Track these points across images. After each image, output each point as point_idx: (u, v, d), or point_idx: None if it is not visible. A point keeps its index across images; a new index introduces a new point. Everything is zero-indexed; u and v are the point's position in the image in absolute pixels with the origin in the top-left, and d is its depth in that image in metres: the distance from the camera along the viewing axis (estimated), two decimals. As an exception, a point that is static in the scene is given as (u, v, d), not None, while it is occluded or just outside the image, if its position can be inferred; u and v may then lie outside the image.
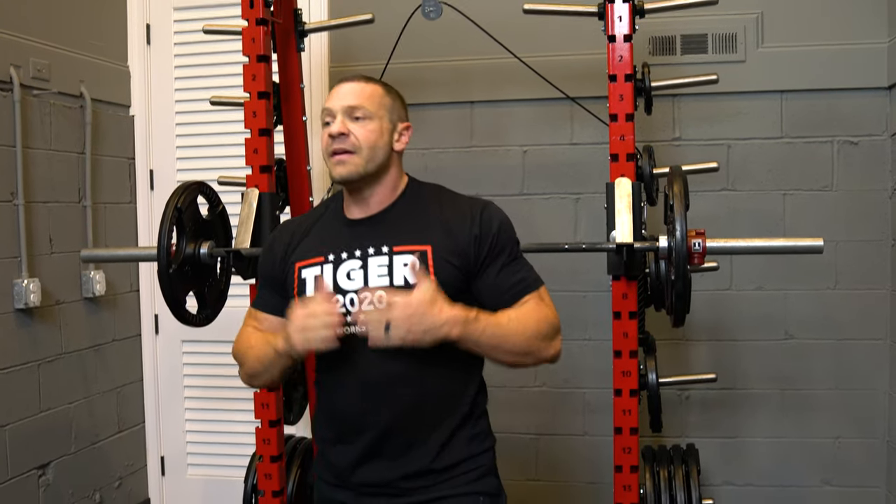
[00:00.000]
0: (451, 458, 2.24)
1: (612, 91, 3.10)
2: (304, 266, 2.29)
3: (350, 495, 2.29)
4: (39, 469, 4.00)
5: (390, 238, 2.23)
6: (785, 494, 4.45)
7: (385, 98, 2.30)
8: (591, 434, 4.51)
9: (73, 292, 4.24)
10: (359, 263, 2.22)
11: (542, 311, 2.22)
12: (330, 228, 2.35)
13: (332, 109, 2.25)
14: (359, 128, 2.22)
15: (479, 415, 2.33)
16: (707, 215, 4.23)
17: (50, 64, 4.03)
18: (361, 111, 2.23)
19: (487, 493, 2.29)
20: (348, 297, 2.20)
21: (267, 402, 3.35)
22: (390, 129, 2.29)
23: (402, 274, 2.18)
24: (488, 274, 2.23)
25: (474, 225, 2.23)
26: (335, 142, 2.22)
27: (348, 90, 2.26)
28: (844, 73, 4.26)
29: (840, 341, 4.37)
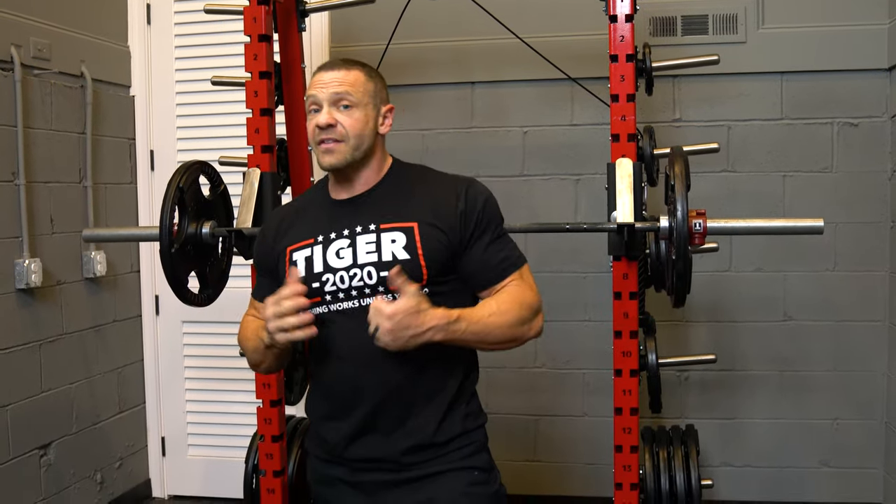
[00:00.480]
0: (447, 433, 2.26)
1: (613, 71, 3.10)
2: (294, 249, 2.33)
3: (345, 471, 2.31)
4: (41, 449, 4.01)
5: (376, 216, 2.27)
6: (783, 475, 4.48)
7: (368, 83, 2.32)
8: (590, 415, 4.52)
9: (74, 273, 4.25)
10: (347, 242, 2.26)
11: (523, 294, 2.26)
12: (318, 211, 2.38)
13: (318, 98, 2.27)
14: (345, 117, 2.26)
15: (472, 393, 2.37)
16: (707, 196, 4.24)
17: (51, 44, 4.02)
18: (347, 99, 2.26)
19: (481, 468, 2.32)
20: (338, 275, 2.23)
21: (268, 383, 3.36)
22: (375, 115, 2.33)
23: (391, 250, 2.21)
24: (475, 250, 2.26)
25: (459, 201, 2.27)
26: (323, 132, 2.25)
27: (332, 78, 2.28)
28: (845, 54, 4.26)
29: (839, 323, 4.38)
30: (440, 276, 2.24)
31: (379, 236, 2.24)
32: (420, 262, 2.20)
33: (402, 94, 4.55)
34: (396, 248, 2.21)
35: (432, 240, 2.22)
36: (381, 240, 2.23)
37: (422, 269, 2.20)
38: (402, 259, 2.19)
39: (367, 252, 2.23)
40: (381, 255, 2.21)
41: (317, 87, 2.28)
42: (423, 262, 2.20)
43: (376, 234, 2.24)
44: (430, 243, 2.22)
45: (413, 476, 2.26)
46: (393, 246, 2.22)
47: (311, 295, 2.23)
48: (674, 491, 3.36)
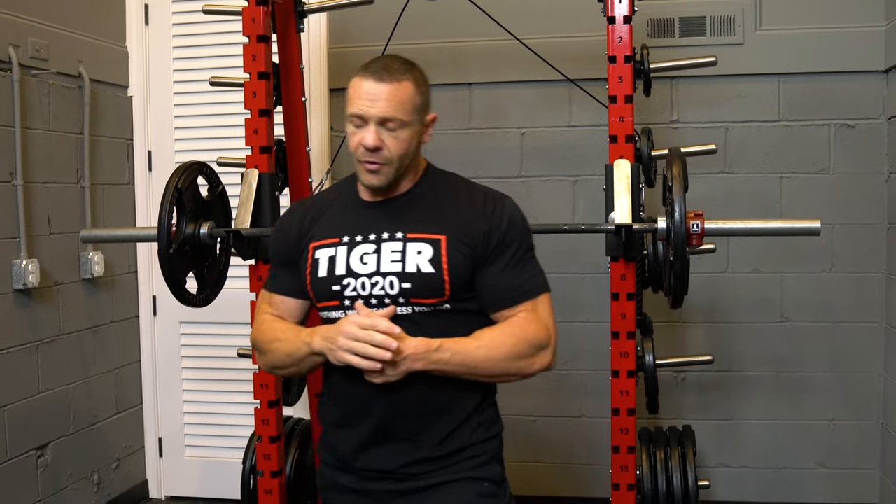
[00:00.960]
0: (455, 444, 2.23)
1: (611, 73, 3.10)
2: (318, 246, 2.28)
3: (353, 479, 2.28)
4: (38, 450, 4.01)
5: (405, 224, 2.23)
6: (779, 476, 4.48)
7: (416, 97, 2.21)
8: (588, 416, 4.53)
9: (72, 273, 4.25)
10: (373, 248, 2.22)
11: (526, 328, 2.20)
12: (345, 210, 2.33)
13: (366, 117, 2.16)
14: (391, 139, 2.17)
15: (488, 404, 2.33)
16: (704, 198, 4.24)
17: (49, 44, 4.02)
18: (395, 122, 2.16)
19: (491, 480, 2.28)
20: (360, 281, 2.19)
21: (266, 383, 3.36)
22: (420, 130, 2.25)
23: (416, 262, 2.17)
24: (490, 271, 2.21)
25: (485, 219, 2.22)
26: (369, 154, 2.17)
27: (381, 94, 2.15)
28: (842, 56, 4.27)
29: (835, 324, 4.39)
30: (463, 293, 2.20)
31: (405, 245, 2.20)
32: (444, 276, 2.16)
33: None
34: (421, 259, 2.17)
35: (458, 254, 2.18)
36: (406, 249, 2.19)
37: (445, 285, 2.16)
38: (426, 272, 2.16)
39: (392, 261, 2.18)
40: (406, 266, 2.17)
41: (365, 100, 2.16)
42: (448, 277, 2.16)
43: (403, 243, 2.20)
44: (455, 258, 2.18)
45: (419, 486, 2.23)
46: (418, 257, 2.17)
47: (329, 297, 2.23)
48: (671, 492, 3.37)
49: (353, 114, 2.18)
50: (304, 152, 3.70)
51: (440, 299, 2.17)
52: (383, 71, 2.18)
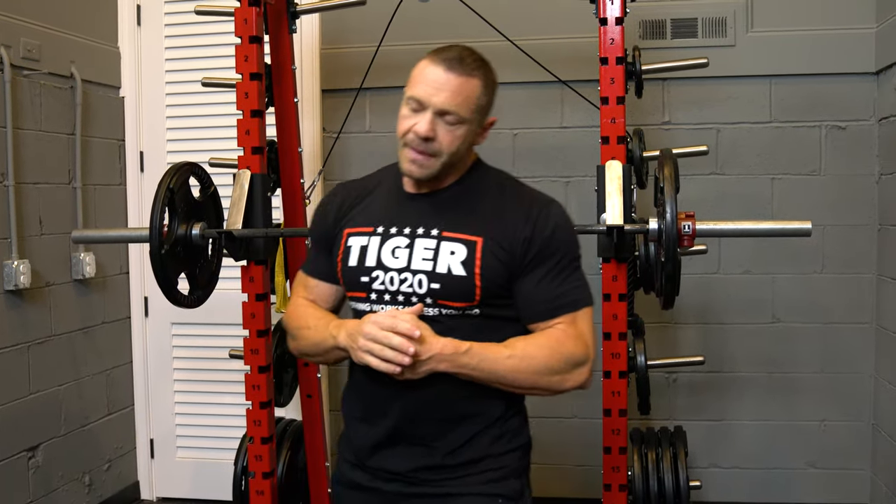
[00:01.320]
0: (471, 454, 2.15)
1: (603, 74, 3.11)
2: (352, 233, 2.23)
3: (366, 477, 2.23)
4: (29, 451, 4.00)
5: (442, 221, 2.15)
6: (771, 477, 4.49)
7: (482, 98, 2.13)
8: (580, 416, 4.54)
9: (63, 274, 4.24)
10: (405, 242, 2.15)
11: (563, 342, 2.09)
12: (385, 198, 2.27)
13: (424, 102, 2.08)
14: (446, 133, 2.09)
15: (511, 415, 2.22)
16: (696, 199, 4.26)
17: (40, 44, 4.02)
18: (454, 117, 2.08)
19: (506, 496, 2.18)
20: (389, 275, 2.13)
21: (258, 384, 3.35)
22: (476, 131, 2.17)
23: (447, 262, 2.09)
24: (528, 280, 2.12)
25: (528, 224, 2.12)
26: (418, 142, 2.08)
27: (447, 84, 2.07)
28: (833, 58, 4.29)
29: (826, 325, 4.41)
30: (494, 299, 2.11)
31: (439, 244, 2.12)
32: (475, 281, 2.08)
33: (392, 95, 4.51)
34: (454, 261, 2.09)
35: (493, 259, 2.09)
36: (440, 248, 2.11)
37: (475, 290, 2.08)
38: (457, 274, 2.08)
39: (424, 258, 2.11)
40: (437, 266, 2.09)
41: (427, 84, 2.08)
42: (479, 281, 2.08)
43: (437, 241, 2.12)
44: (490, 262, 2.09)
45: (429, 492, 2.16)
46: (451, 258, 2.09)
47: (357, 288, 2.19)
48: (662, 492, 3.38)
49: (413, 97, 2.10)
50: (296, 153, 3.69)
51: (469, 304, 2.10)
52: (455, 61, 2.10)
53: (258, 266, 3.31)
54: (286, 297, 3.72)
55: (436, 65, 2.09)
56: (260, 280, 3.32)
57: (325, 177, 4.43)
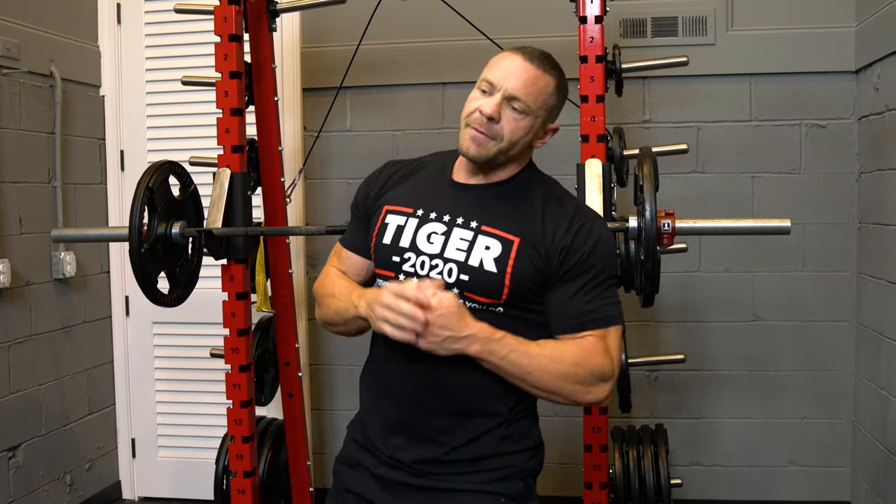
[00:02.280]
0: (474, 452, 2.14)
1: (582, 72, 3.11)
2: (391, 211, 2.24)
3: (373, 461, 2.22)
4: (9, 451, 3.98)
5: (483, 215, 2.15)
6: (751, 474, 4.51)
7: (551, 98, 2.16)
8: (560, 414, 4.53)
9: (44, 273, 4.22)
10: (443, 228, 2.15)
11: (593, 354, 2.06)
12: (430, 181, 2.28)
13: (496, 85, 2.11)
14: (510, 119, 2.10)
15: (521, 416, 2.21)
16: (677, 197, 4.28)
17: (20, 43, 4.00)
18: (521, 104, 2.09)
19: (509, 496, 2.17)
20: (420, 259, 2.14)
21: (238, 383, 3.35)
22: (538, 129, 2.18)
23: (480, 256, 2.09)
24: (562, 291, 2.11)
25: (568, 235, 2.11)
26: (481, 122, 2.10)
27: (522, 73, 2.11)
28: (813, 56, 4.30)
29: (806, 323, 4.42)
30: (522, 301, 2.11)
31: (476, 237, 2.12)
32: (505, 280, 2.07)
33: (372, 94, 4.57)
34: (487, 256, 2.09)
35: (527, 262, 2.08)
36: (475, 241, 2.11)
37: (504, 288, 2.08)
38: (488, 270, 2.07)
39: (458, 248, 2.11)
40: (470, 258, 2.09)
41: (503, 69, 2.12)
42: (508, 281, 2.07)
43: (474, 234, 2.12)
44: (523, 264, 2.08)
45: (432, 486, 2.15)
46: (485, 253, 2.09)
47: (387, 266, 2.19)
48: (643, 490, 3.38)
49: (486, 78, 2.13)
50: (276, 152, 3.69)
51: (495, 301, 2.09)
52: (535, 56, 2.14)
53: (238, 265, 3.31)
54: (266, 295, 3.72)
55: (516, 54, 2.14)
56: (240, 279, 3.32)
57: (305, 175, 4.43)
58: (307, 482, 3.99)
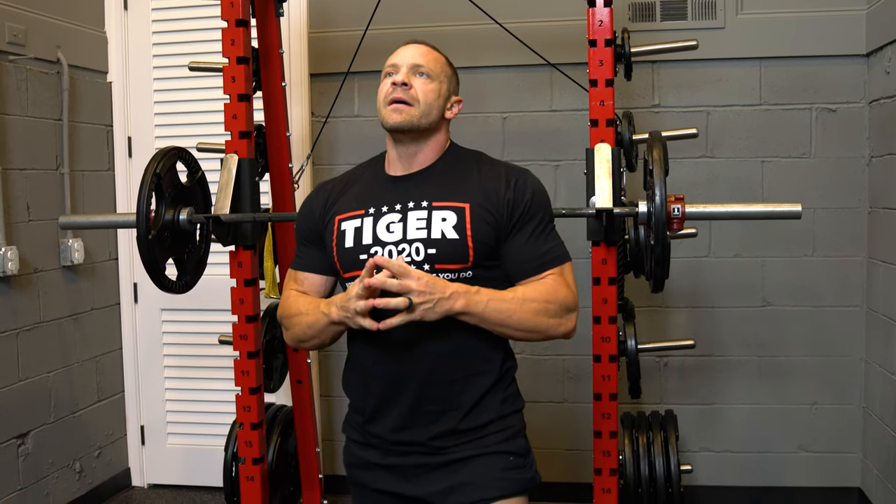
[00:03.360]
0: (482, 418, 2.27)
1: (591, 56, 3.10)
2: (343, 218, 2.34)
3: (378, 454, 2.32)
4: (19, 438, 3.99)
5: (429, 194, 2.29)
6: (761, 460, 4.50)
7: (447, 67, 2.40)
8: (570, 401, 4.53)
9: (52, 260, 4.22)
10: (398, 217, 2.27)
11: (557, 288, 2.24)
12: (370, 185, 2.39)
13: (398, 64, 2.33)
14: (421, 84, 2.31)
15: (510, 380, 2.37)
16: (686, 182, 4.25)
17: (26, 29, 3.99)
18: (425, 69, 2.32)
19: (517, 453, 2.32)
20: (387, 249, 2.23)
21: (247, 370, 3.35)
22: (447, 95, 2.38)
23: (440, 228, 2.22)
24: (516, 240, 2.27)
25: (508, 190, 2.27)
26: (396, 90, 2.29)
27: (415, 50, 2.36)
28: (823, 40, 4.27)
29: (817, 308, 4.40)
30: (486, 261, 2.24)
31: (430, 213, 2.25)
32: (468, 242, 2.21)
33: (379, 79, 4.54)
34: (446, 226, 2.22)
35: (482, 222, 2.23)
36: (431, 217, 2.24)
37: (469, 251, 2.21)
38: (451, 238, 2.21)
39: (418, 228, 2.23)
40: (431, 233, 2.22)
41: (399, 54, 2.36)
42: (471, 243, 2.21)
43: (427, 211, 2.25)
44: (479, 226, 2.23)
45: (446, 460, 2.27)
46: (443, 224, 2.23)
47: (356, 266, 2.26)
48: (653, 476, 3.38)
49: (389, 63, 2.36)
50: (284, 138, 3.68)
51: (464, 265, 2.21)
52: (419, 42, 2.40)
53: (246, 251, 3.31)
54: (275, 282, 3.71)
55: (404, 46, 2.40)
56: (248, 265, 3.31)
57: (313, 161, 4.42)
58: (316, 469, 3.99)
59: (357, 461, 2.39)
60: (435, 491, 2.27)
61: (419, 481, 2.29)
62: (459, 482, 2.26)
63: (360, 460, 2.38)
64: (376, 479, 2.34)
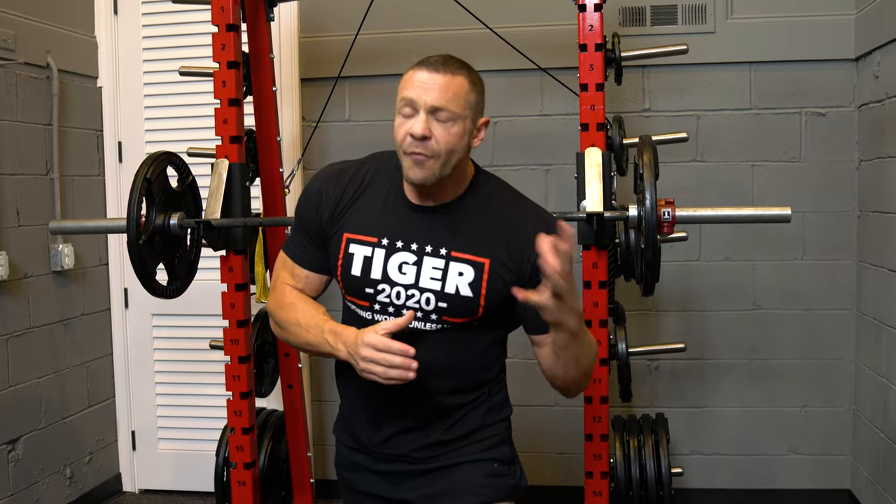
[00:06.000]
0: (465, 429, 2.28)
1: (582, 61, 3.10)
2: (353, 240, 2.24)
3: (368, 459, 2.34)
4: (9, 444, 3.98)
5: (450, 240, 2.19)
6: (752, 463, 4.50)
7: (470, 94, 2.17)
8: (561, 404, 4.53)
9: (42, 266, 4.21)
10: (413, 259, 2.19)
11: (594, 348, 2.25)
12: (387, 205, 2.26)
13: (416, 103, 2.11)
14: (442, 131, 2.10)
15: (497, 391, 2.37)
16: (676, 186, 4.26)
17: (16, 34, 3.98)
18: (447, 113, 2.10)
19: (501, 460, 2.33)
20: (395, 290, 2.19)
21: (238, 374, 3.35)
22: (471, 129, 2.18)
23: (455, 283, 2.17)
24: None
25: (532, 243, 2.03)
26: (416, 144, 2.10)
27: (435, 83, 2.11)
28: (813, 44, 4.29)
29: (807, 311, 4.41)
30: (496, 312, 2.21)
31: (447, 264, 2.18)
32: (480, 301, 2.17)
33: (371, 84, 4.54)
34: (462, 282, 2.17)
35: (500, 280, 2.17)
36: (448, 269, 2.18)
37: (479, 308, 2.18)
38: (464, 295, 2.16)
39: (432, 277, 2.17)
40: (445, 287, 2.17)
41: (416, 87, 2.12)
42: (483, 301, 2.17)
43: (445, 261, 2.18)
44: (496, 283, 2.17)
45: (430, 468, 2.28)
46: (459, 279, 2.17)
47: (360, 297, 2.23)
48: (644, 479, 3.38)
49: (405, 97, 2.13)
50: (274, 142, 3.68)
51: (472, 318, 2.20)
52: (439, 63, 2.15)
53: (237, 256, 3.31)
54: (266, 286, 3.71)
55: (421, 68, 2.15)
56: (239, 270, 3.31)
57: (304, 166, 4.42)
58: (308, 473, 3.99)
59: (347, 464, 2.41)
60: (421, 496, 2.29)
61: (405, 486, 2.30)
62: (444, 488, 2.27)
63: (351, 463, 2.39)
64: (366, 483, 2.36)
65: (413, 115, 2.12)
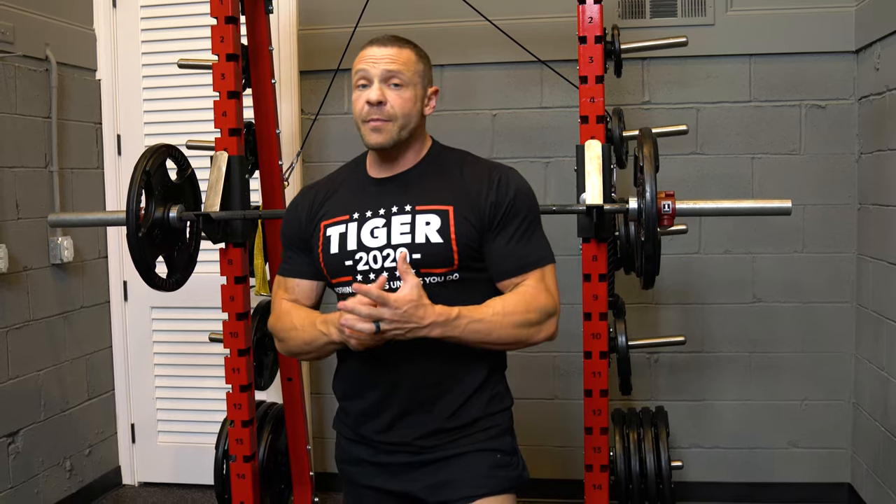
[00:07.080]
0: (468, 416, 2.28)
1: (581, 53, 3.10)
2: (329, 224, 2.32)
3: (369, 452, 2.34)
4: (8, 437, 3.98)
5: (413, 197, 2.27)
6: (752, 456, 4.51)
7: (418, 64, 2.31)
8: (560, 397, 4.54)
9: (41, 258, 4.21)
10: (382, 221, 2.26)
11: (536, 295, 2.23)
12: (354, 188, 2.37)
13: (370, 74, 2.25)
14: (395, 96, 2.24)
15: (499, 378, 2.38)
16: (676, 179, 4.26)
17: (14, 27, 3.97)
18: (398, 78, 2.25)
19: (504, 451, 2.34)
20: (371, 255, 2.24)
21: (238, 367, 3.35)
22: (422, 95, 2.32)
23: (424, 232, 2.21)
24: (498, 241, 2.25)
25: (491, 190, 2.26)
26: (372, 110, 2.23)
27: (384, 54, 2.26)
28: (812, 36, 4.28)
29: (806, 304, 4.41)
30: (470, 262, 2.24)
31: (414, 217, 2.24)
32: (452, 246, 2.21)
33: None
34: (430, 230, 2.22)
35: (465, 224, 2.23)
36: (415, 221, 2.24)
37: (453, 254, 2.21)
38: (435, 242, 2.20)
39: (402, 233, 2.23)
40: (415, 237, 2.22)
41: (367, 61, 2.27)
42: (455, 246, 2.21)
43: (411, 215, 2.24)
44: (462, 228, 2.22)
45: (433, 458, 2.28)
46: (427, 228, 2.22)
47: (342, 272, 2.27)
48: (644, 472, 3.38)
49: (359, 70, 2.27)
50: (273, 135, 3.68)
51: (449, 268, 2.22)
52: (386, 39, 2.30)
53: (236, 248, 3.30)
54: (265, 279, 3.71)
55: (371, 45, 2.31)
56: (238, 262, 3.31)
57: (303, 158, 4.41)
58: (307, 466, 3.99)
59: (348, 457, 2.41)
60: (422, 487, 2.29)
61: (407, 478, 2.30)
62: (447, 479, 2.27)
63: (351, 456, 2.40)
64: (366, 476, 2.36)
65: (368, 85, 2.26)
